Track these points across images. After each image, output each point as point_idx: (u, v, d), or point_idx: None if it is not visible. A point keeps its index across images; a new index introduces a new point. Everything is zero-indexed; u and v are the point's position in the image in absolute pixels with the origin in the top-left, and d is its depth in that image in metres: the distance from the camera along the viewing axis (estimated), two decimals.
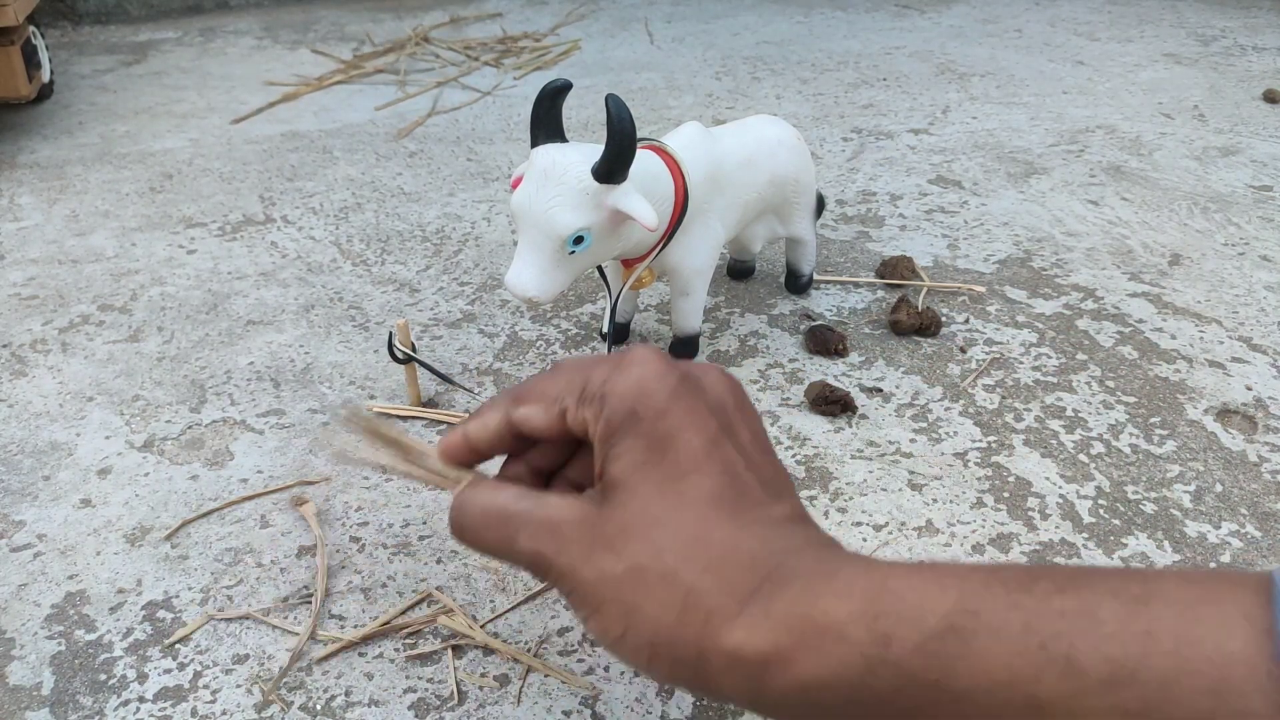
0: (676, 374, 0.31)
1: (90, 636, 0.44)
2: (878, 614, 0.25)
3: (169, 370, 0.63)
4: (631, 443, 0.30)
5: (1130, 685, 0.21)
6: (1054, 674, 0.22)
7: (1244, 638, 0.20)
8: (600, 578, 0.29)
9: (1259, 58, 1.27)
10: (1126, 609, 0.22)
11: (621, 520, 0.29)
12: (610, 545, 0.29)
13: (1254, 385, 0.60)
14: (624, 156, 0.48)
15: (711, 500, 0.29)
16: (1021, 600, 0.23)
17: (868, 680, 0.24)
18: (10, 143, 1.02)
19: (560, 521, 0.31)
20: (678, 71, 1.24)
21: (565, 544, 0.30)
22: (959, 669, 0.23)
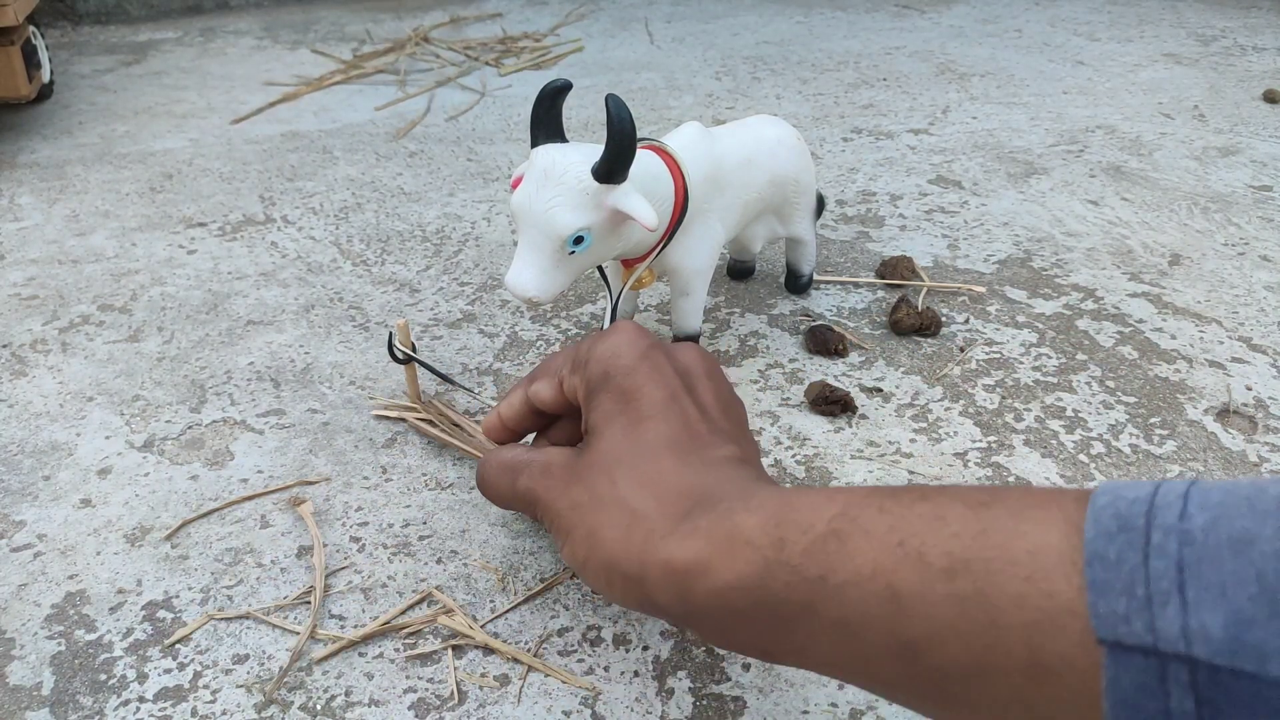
0: (647, 341, 0.37)
1: (90, 636, 0.44)
2: (779, 522, 0.29)
3: (169, 370, 0.63)
4: (604, 397, 0.36)
5: (964, 574, 0.24)
6: (907, 566, 0.25)
7: (1059, 533, 0.23)
8: (571, 505, 0.34)
9: (1259, 58, 1.27)
10: (971, 512, 0.25)
11: (591, 459, 0.35)
12: (581, 479, 0.34)
13: (1254, 385, 0.60)
14: (624, 156, 0.48)
15: (665, 442, 0.34)
16: (890, 507, 0.27)
17: (767, 581, 0.28)
18: (10, 143, 1.02)
19: (550, 464, 0.37)
20: (678, 71, 1.24)
21: (551, 481, 0.36)
22: (836, 565, 0.27)
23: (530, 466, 0.37)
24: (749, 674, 0.42)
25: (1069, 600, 0.22)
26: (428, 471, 0.53)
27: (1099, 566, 0.22)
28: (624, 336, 0.37)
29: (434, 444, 0.55)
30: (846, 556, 0.26)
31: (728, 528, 0.30)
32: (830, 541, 0.27)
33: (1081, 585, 0.22)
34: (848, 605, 0.26)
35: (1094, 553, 0.22)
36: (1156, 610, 0.20)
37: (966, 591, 0.24)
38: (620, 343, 0.36)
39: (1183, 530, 0.21)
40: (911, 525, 0.26)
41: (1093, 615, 0.21)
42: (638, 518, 0.32)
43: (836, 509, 0.28)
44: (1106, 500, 0.23)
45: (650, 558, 0.31)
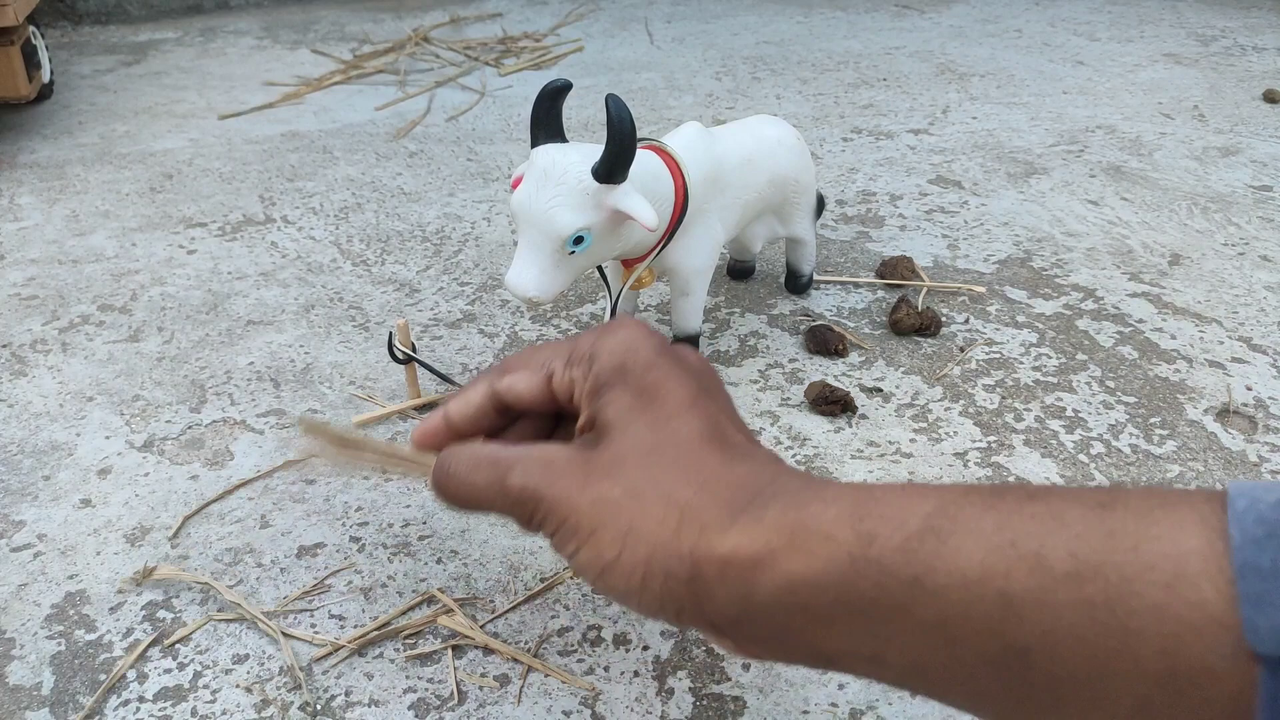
0: (659, 339, 0.34)
1: (90, 636, 0.44)
2: (863, 516, 0.26)
3: (169, 370, 0.63)
4: (620, 391, 0.32)
5: (1093, 579, 0.22)
6: (1023, 569, 0.23)
7: (1199, 537, 0.22)
8: (597, 501, 0.30)
9: (1259, 58, 1.27)
10: (1091, 513, 0.23)
11: (616, 452, 0.31)
12: (607, 473, 0.31)
13: (1254, 385, 0.60)
14: (624, 156, 0.48)
15: (700, 437, 0.31)
16: (995, 504, 0.25)
17: (851, 578, 0.25)
18: (10, 143, 1.02)
19: (553, 459, 0.32)
20: (678, 71, 1.24)
21: (559, 476, 0.31)
22: (936, 566, 0.24)
23: (524, 461, 0.33)
24: (749, 674, 0.42)
25: (1218, 611, 0.21)
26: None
27: (1253, 577, 0.20)
28: (636, 331, 0.34)
29: None
30: (948, 556, 0.24)
31: (800, 518, 0.27)
32: (928, 539, 0.25)
33: (1233, 596, 0.21)
34: (950, 608, 0.24)
35: (1245, 562, 0.21)
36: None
37: (1096, 598, 0.22)
38: (633, 337, 0.33)
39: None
40: (1024, 525, 0.24)
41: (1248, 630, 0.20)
42: (691, 510, 0.29)
43: (931, 505, 0.26)
44: (1246, 503, 0.22)
45: (706, 553, 0.28)
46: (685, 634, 0.44)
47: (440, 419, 0.37)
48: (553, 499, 0.31)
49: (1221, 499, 0.22)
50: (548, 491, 0.31)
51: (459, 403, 0.37)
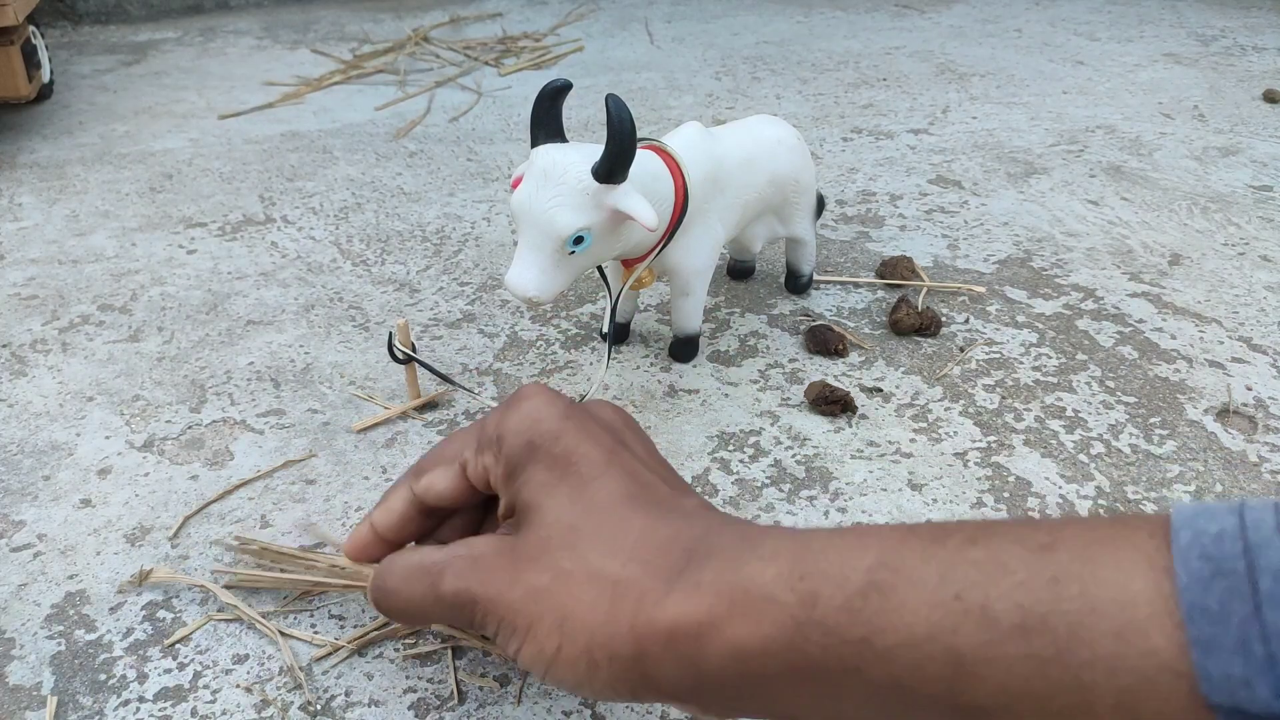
0: (563, 402, 0.33)
1: (90, 636, 0.44)
2: (803, 574, 0.25)
3: (169, 370, 0.63)
4: (533, 469, 0.31)
5: (1041, 632, 0.21)
6: (970, 625, 0.22)
7: (1144, 579, 0.21)
8: (527, 594, 0.29)
9: (1259, 58, 1.27)
10: (1034, 556, 0.23)
11: (538, 537, 0.30)
12: (533, 561, 0.29)
13: (1254, 385, 0.60)
14: (624, 156, 0.48)
15: (622, 499, 0.30)
16: (936, 553, 0.24)
17: (798, 643, 0.25)
18: (10, 143, 1.02)
19: (480, 555, 0.31)
20: (678, 71, 1.24)
21: (488, 574, 0.30)
22: (883, 625, 0.24)
23: (453, 564, 0.31)
24: None
25: (1170, 659, 0.20)
26: None
27: (1202, 621, 0.20)
28: (537, 401, 0.32)
29: (433, 445, 0.55)
30: (893, 613, 0.23)
31: (739, 580, 0.26)
32: (871, 596, 0.24)
33: (1183, 642, 0.20)
34: (899, 668, 0.23)
35: (1193, 604, 0.20)
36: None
37: (1046, 652, 0.21)
38: (535, 408, 0.32)
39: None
40: (966, 574, 0.23)
41: (1202, 678, 0.19)
42: (622, 585, 0.27)
43: (871, 557, 0.25)
44: (1189, 536, 0.21)
45: (647, 627, 0.26)
46: None
47: (368, 529, 0.36)
48: (487, 599, 0.30)
49: (1165, 531, 0.21)
50: (480, 591, 0.30)
51: (382, 512, 0.36)
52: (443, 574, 0.31)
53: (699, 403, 0.59)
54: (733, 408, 0.58)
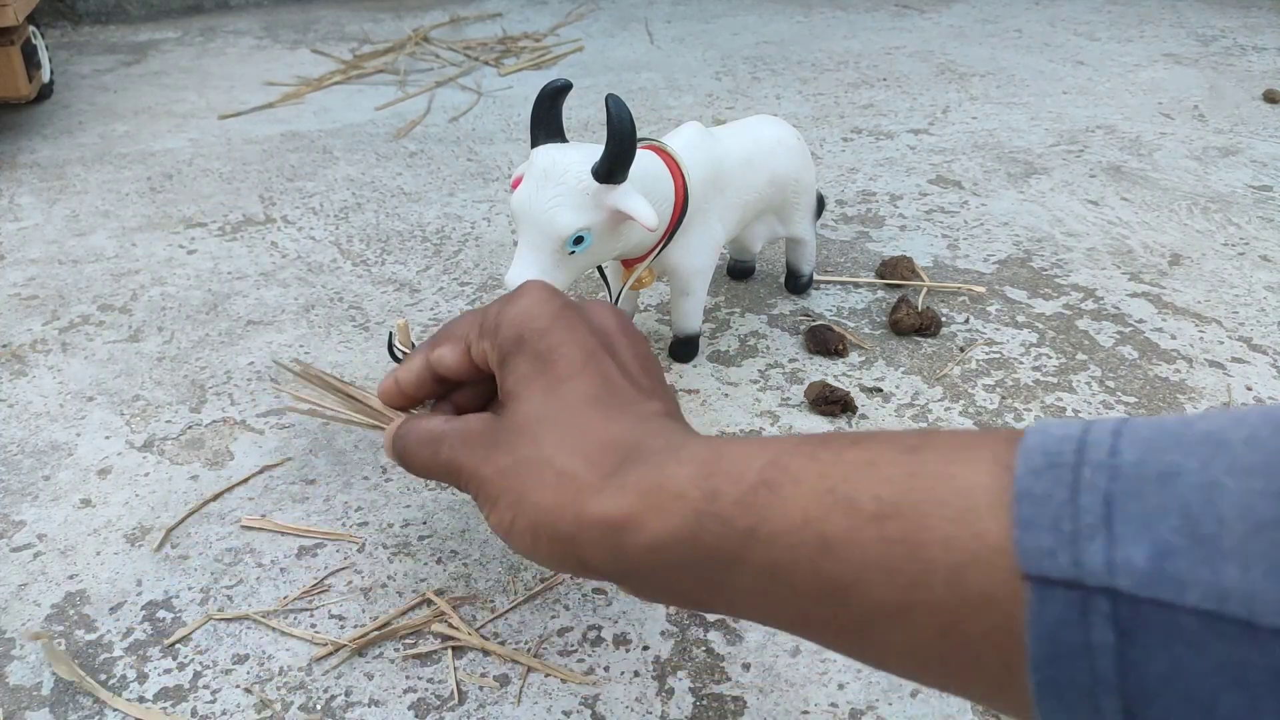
0: (559, 301, 0.36)
1: (90, 636, 0.44)
2: (709, 473, 0.28)
3: (169, 370, 0.63)
4: (519, 360, 0.35)
5: (894, 518, 0.24)
6: (838, 513, 0.25)
7: (988, 474, 0.23)
8: (495, 471, 0.33)
9: (1259, 58, 1.27)
10: (901, 456, 0.25)
11: (512, 423, 0.34)
12: (504, 444, 0.34)
13: (1254, 385, 0.60)
14: (624, 156, 0.48)
15: (588, 399, 0.33)
16: (820, 454, 0.27)
17: (698, 533, 0.28)
18: (10, 143, 1.02)
19: (470, 432, 0.35)
20: (678, 71, 1.24)
21: (473, 449, 0.35)
22: (767, 515, 0.26)
23: (450, 436, 0.36)
24: (749, 674, 0.42)
25: (996, 539, 0.22)
26: None
27: (1026, 504, 0.22)
28: (534, 297, 0.36)
29: None
30: (777, 505, 0.26)
31: (658, 480, 0.29)
32: (761, 491, 0.27)
33: (1009, 523, 0.22)
34: (778, 553, 0.26)
35: (1022, 490, 0.22)
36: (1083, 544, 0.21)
37: (894, 535, 0.24)
38: (531, 304, 0.36)
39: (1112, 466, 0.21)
40: (842, 471, 0.26)
41: (1018, 551, 0.21)
42: (565, 476, 0.31)
43: (768, 457, 0.28)
44: (1036, 440, 0.23)
45: (582, 516, 0.30)
46: (685, 634, 0.44)
47: (393, 381, 0.41)
48: (470, 469, 0.34)
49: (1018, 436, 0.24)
50: (466, 463, 0.35)
51: (404, 370, 0.40)
52: (441, 443, 0.36)
53: (699, 403, 0.59)
54: (733, 408, 0.58)
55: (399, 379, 0.41)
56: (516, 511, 0.32)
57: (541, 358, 0.34)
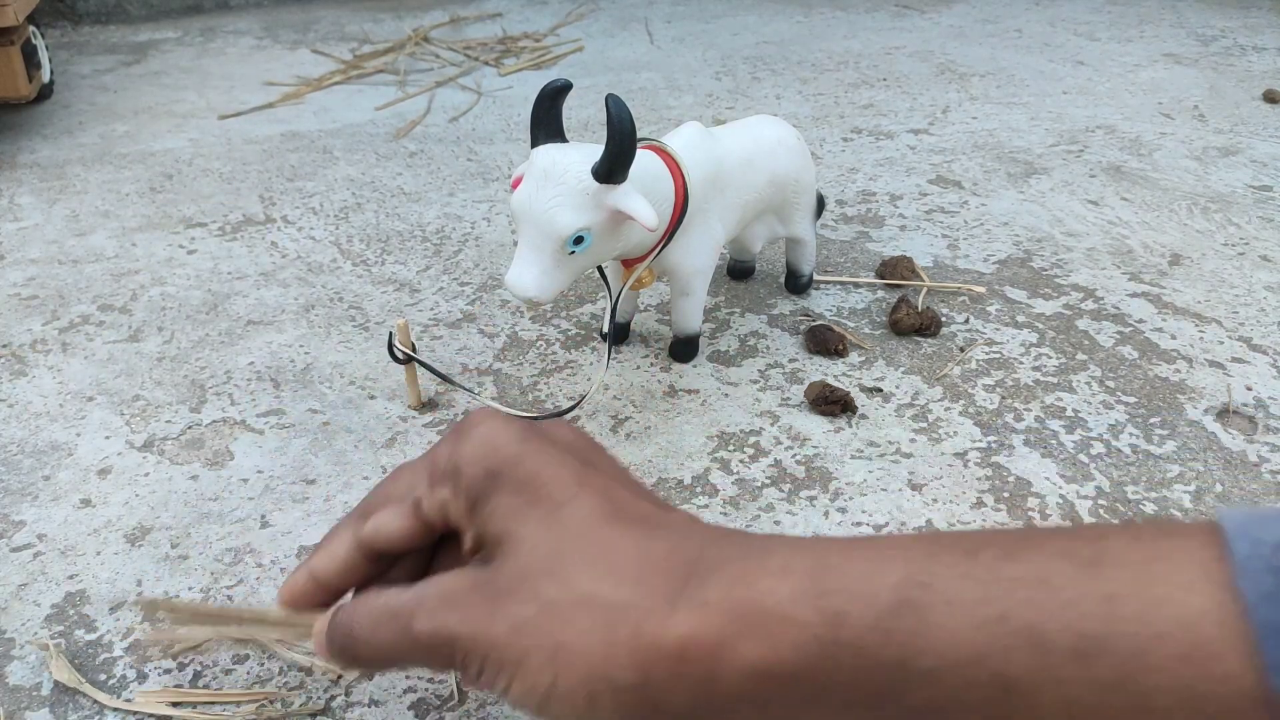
0: (517, 424, 0.30)
1: (90, 636, 0.44)
2: (823, 591, 0.24)
3: (169, 370, 0.63)
4: (499, 497, 0.29)
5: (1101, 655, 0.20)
6: (1021, 649, 0.21)
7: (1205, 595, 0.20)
8: (512, 627, 0.27)
9: (1259, 58, 1.27)
10: (1080, 573, 0.21)
11: (516, 566, 0.27)
12: (513, 592, 0.27)
13: (1254, 385, 0.60)
14: (624, 156, 0.48)
15: (602, 519, 0.27)
16: (971, 569, 0.23)
17: (825, 666, 0.23)
18: (10, 143, 1.02)
19: (454, 591, 0.28)
20: (678, 71, 1.24)
21: (465, 610, 0.28)
22: (921, 647, 0.22)
23: (424, 603, 0.28)
24: None
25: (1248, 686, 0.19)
26: None
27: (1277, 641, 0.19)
28: (490, 426, 0.30)
29: None
30: (931, 635, 0.22)
31: (748, 595, 0.24)
32: (905, 616, 0.22)
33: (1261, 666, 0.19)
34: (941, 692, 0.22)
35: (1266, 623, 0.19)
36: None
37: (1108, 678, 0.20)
38: (490, 434, 0.30)
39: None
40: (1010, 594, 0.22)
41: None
42: (618, 609, 0.25)
43: (898, 572, 0.23)
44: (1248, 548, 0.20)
45: (651, 651, 0.24)
46: None
47: (306, 576, 0.33)
48: (468, 637, 0.27)
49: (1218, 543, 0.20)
50: (460, 629, 0.27)
51: (323, 557, 0.33)
52: (414, 615, 0.28)
53: (699, 403, 0.59)
54: (733, 408, 0.58)
55: (315, 571, 0.32)
56: (558, 669, 0.26)
57: (527, 486, 0.28)
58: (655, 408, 0.59)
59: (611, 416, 0.58)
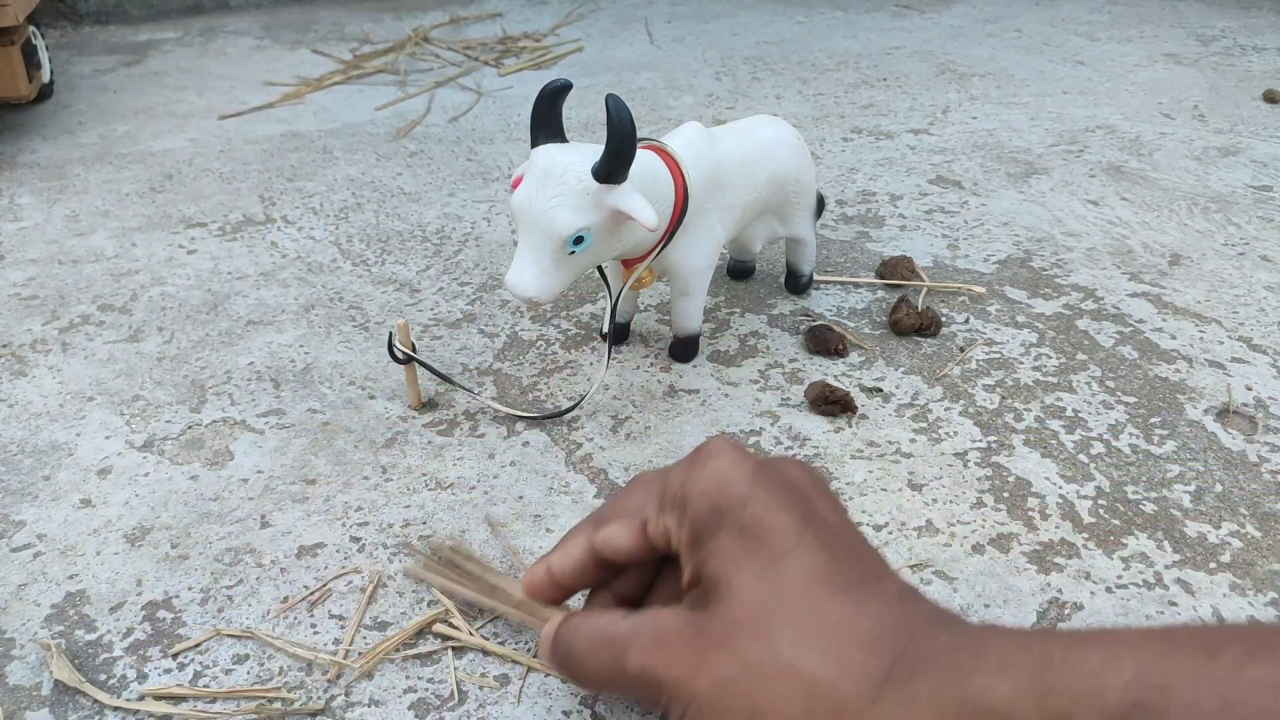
0: (751, 462, 0.31)
1: (90, 636, 0.44)
2: (1046, 691, 0.22)
3: (169, 370, 0.63)
4: (720, 538, 0.29)
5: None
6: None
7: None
8: (714, 684, 0.27)
9: (1259, 58, 1.27)
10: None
11: (726, 617, 0.28)
12: (720, 646, 0.28)
13: (1254, 385, 0.60)
14: (624, 156, 0.48)
15: (816, 579, 0.27)
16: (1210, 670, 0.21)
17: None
18: (10, 143, 1.02)
19: (666, 633, 0.29)
20: (678, 71, 1.24)
21: (674, 655, 0.29)
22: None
23: (639, 638, 0.30)
24: None
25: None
26: (428, 471, 0.53)
27: None
28: (725, 461, 0.30)
29: (434, 445, 0.55)
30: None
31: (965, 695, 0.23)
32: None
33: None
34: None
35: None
36: None
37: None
38: (724, 467, 0.30)
39: None
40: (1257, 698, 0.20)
41: None
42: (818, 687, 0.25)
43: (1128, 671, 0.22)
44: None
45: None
46: None
47: (544, 572, 0.36)
48: (673, 683, 0.28)
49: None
50: (665, 674, 0.29)
51: (560, 557, 0.35)
52: (628, 649, 0.30)
53: (699, 403, 0.59)
54: (733, 408, 0.58)
55: (553, 569, 0.35)
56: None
57: (748, 532, 0.29)
58: (655, 408, 0.59)
59: (611, 416, 0.58)
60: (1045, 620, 0.44)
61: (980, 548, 0.48)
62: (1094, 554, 0.48)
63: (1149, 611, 0.44)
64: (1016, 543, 0.48)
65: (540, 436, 0.56)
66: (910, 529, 0.49)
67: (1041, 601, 0.45)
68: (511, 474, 0.53)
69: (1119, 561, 0.47)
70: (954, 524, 0.50)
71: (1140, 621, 0.44)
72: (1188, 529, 0.49)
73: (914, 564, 0.47)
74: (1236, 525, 0.49)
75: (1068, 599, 0.45)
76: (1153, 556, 0.47)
